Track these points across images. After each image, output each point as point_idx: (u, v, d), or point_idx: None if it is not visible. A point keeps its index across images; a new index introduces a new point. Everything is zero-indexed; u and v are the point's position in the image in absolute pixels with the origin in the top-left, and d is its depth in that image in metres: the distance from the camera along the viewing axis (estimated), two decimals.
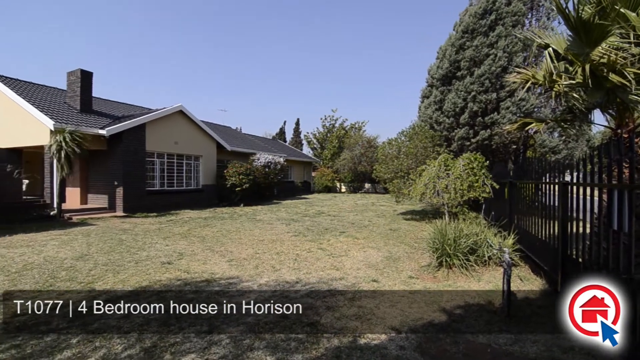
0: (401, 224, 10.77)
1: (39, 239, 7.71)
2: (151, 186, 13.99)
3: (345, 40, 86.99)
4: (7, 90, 12.48)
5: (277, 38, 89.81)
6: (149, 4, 78.52)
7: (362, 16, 79.69)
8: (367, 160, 27.88)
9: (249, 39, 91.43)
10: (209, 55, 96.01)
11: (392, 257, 6.55)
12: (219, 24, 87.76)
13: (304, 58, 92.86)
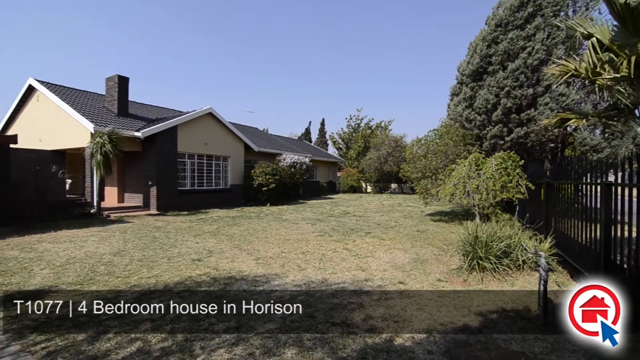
0: (429, 225, 10.51)
1: (81, 235, 8.22)
2: (182, 186, 14.53)
3: (369, 40, 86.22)
4: (53, 96, 13.41)
5: (302, 39, 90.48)
6: (176, 6, 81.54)
7: (387, 15, 78.60)
8: (393, 160, 27.48)
9: (276, 40, 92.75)
10: (237, 56, 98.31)
11: (420, 259, 6.41)
12: (246, 25, 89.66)
13: (329, 58, 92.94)
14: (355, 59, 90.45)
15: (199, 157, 15.41)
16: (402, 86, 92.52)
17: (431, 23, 78.35)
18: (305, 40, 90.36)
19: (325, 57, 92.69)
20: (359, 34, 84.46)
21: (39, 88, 14.24)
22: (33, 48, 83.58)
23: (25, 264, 5.69)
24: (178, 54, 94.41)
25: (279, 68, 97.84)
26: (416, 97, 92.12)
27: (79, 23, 79.16)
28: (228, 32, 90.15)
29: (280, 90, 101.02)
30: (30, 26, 78.52)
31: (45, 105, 14.22)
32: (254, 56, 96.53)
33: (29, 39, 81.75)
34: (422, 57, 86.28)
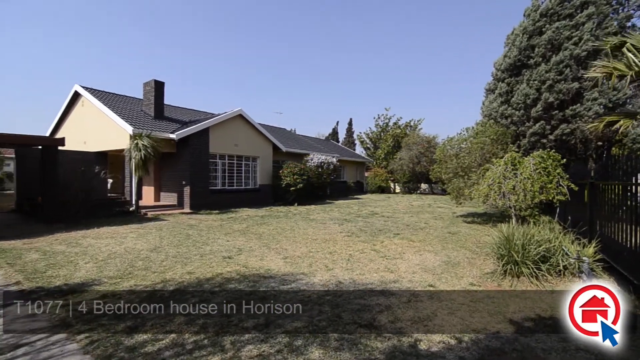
0: (461, 227, 10.16)
1: (121, 232, 8.71)
2: (214, 185, 15.00)
3: (398, 39, 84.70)
4: (96, 101, 14.30)
5: (330, 39, 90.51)
6: (206, 7, 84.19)
7: (417, 15, 76.82)
8: (426, 160, 26.82)
9: (304, 40, 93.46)
10: (266, 57, 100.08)
11: (451, 262, 6.20)
12: (274, 27, 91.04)
13: (356, 58, 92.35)
14: (383, 59, 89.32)
15: (229, 158, 15.84)
16: (432, 86, 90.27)
17: (464, 22, 75.77)
18: (333, 41, 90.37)
19: (352, 57, 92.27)
20: (389, 34, 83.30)
21: (83, 94, 15.26)
22: (79, 56, 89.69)
23: (72, 258, 6.10)
24: (210, 54, 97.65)
25: (307, 69, 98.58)
26: (447, 97, 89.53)
27: (116, 28, 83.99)
28: (258, 33, 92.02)
29: (308, 91, 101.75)
30: (74, 36, 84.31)
31: (89, 109, 15.21)
32: (282, 57, 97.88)
33: (74, 48, 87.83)
34: (453, 57, 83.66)
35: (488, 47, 76.41)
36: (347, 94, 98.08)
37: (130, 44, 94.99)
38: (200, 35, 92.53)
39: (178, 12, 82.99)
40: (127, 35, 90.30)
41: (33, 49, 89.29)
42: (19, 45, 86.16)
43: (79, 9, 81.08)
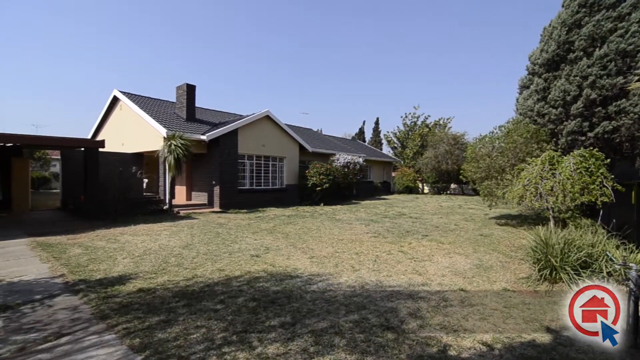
0: (494, 230, 9.75)
1: (155, 229, 9.11)
2: (242, 185, 15.34)
3: (426, 38, 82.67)
4: (132, 105, 15.05)
5: (358, 39, 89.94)
6: (232, 9, 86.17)
7: (446, 14, 74.58)
8: (452, 159, 25.99)
9: (331, 40, 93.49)
10: (293, 58, 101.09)
11: (483, 265, 5.97)
12: (301, 27, 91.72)
13: (383, 58, 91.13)
14: (411, 58, 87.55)
15: (257, 158, 16.15)
16: (462, 84, 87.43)
17: (492, 21, 72.68)
18: (360, 40, 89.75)
19: (379, 57, 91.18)
20: (416, 33, 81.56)
21: (121, 98, 16.12)
22: (118, 63, 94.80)
23: (111, 253, 6.46)
24: (239, 55, 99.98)
25: (333, 69, 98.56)
26: (478, 96, 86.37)
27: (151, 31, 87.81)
28: (286, 33, 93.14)
29: (335, 91, 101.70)
30: (114, 44, 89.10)
31: (126, 113, 16.04)
32: (308, 57, 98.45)
33: (114, 56, 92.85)
34: (483, 55, 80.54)
35: (522, 41, 72.89)
36: (374, 94, 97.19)
37: (162, 45, 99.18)
38: (230, 37, 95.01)
39: (210, 13, 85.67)
40: (159, 36, 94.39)
41: (72, 56, 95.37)
42: (63, 54, 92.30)
43: (121, 13, 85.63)
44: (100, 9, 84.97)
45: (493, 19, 74.74)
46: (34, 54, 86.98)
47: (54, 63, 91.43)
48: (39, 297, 4.20)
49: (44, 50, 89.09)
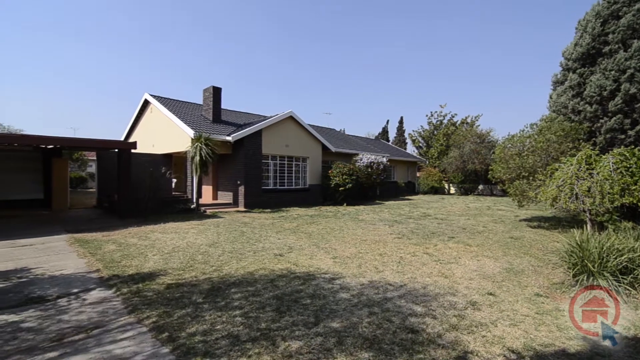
0: (525, 232, 9.35)
1: (183, 227, 9.41)
2: (266, 185, 15.57)
3: (450, 37, 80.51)
4: (162, 108, 15.64)
5: (382, 38, 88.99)
6: (257, 10, 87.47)
7: (471, 13, 72.30)
8: (479, 158, 25.10)
9: (354, 40, 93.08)
10: (315, 58, 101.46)
11: (514, 269, 5.73)
12: (323, 27, 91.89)
13: (409, 57, 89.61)
14: (436, 57, 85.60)
15: (280, 159, 16.33)
16: (490, 81, 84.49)
17: (519, 21, 69.66)
18: (385, 39, 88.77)
19: (404, 56, 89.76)
20: (441, 32, 79.66)
21: (151, 101, 16.78)
22: (147, 67, 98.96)
23: (142, 250, 6.74)
24: (263, 55, 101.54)
25: (356, 68, 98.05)
26: (507, 94, 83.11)
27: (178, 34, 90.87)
28: (310, 32, 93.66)
29: (358, 90, 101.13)
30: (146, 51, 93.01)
31: (156, 115, 16.69)
32: (331, 57, 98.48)
33: (144, 61, 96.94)
34: (512, 53, 77.40)
35: (554, 36, 69.44)
36: (398, 93, 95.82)
37: (186, 42, 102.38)
38: (253, 36, 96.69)
39: (232, 12, 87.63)
40: (187, 37, 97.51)
41: (102, 61, 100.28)
42: (92, 57, 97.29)
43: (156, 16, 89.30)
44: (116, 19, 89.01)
45: (520, 19, 71.70)
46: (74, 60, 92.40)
47: (91, 67, 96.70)
48: (76, 290, 4.44)
49: (85, 56, 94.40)
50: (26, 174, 13.98)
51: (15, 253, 6.40)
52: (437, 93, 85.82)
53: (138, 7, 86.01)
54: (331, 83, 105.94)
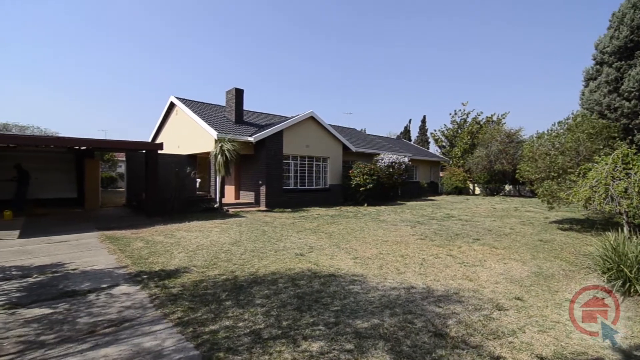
0: (555, 235, 8.94)
1: (207, 226, 9.64)
2: (287, 185, 15.70)
3: (473, 36, 78.16)
4: (187, 110, 16.08)
5: (403, 37, 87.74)
6: (278, 11, 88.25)
7: (493, 11, 69.91)
8: (507, 158, 24.20)
9: (375, 39, 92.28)
10: (337, 58, 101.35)
11: (543, 273, 5.49)
12: (346, 27, 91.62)
13: (431, 55, 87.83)
14: (460, 56, 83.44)
15: (301, 159, 16.42)
16: (517, 77, 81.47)
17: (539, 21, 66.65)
18: (406, 37, 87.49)
19: (426, 55, 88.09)
20: (463, 30, 77.57)
21: (177, 103, 17.30)
22: (172, 70, 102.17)
23: (168, 247, 6.96)
24: (285, 55, 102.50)
25: (377, 67, 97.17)
26: (535, 89, 79.81)
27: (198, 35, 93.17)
28: (330, 33, 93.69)
29: (379, 90, 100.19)
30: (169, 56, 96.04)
31: (181, 117, 17.19)
32: (353, 56, 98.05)
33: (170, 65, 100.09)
34: (537, 53, 74.22)
35: (582, 29, 66.09)
36: (420, 92, 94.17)
37: (209, 49, 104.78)
38: (274, 36, 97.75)
39: (255, 12, 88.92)
40: (207, 40, 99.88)
41: (132, 63, 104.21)
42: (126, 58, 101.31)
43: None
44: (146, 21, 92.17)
45: (542, 19, 68.64)
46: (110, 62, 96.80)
47: (122, 69, 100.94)
48: (106, 285, 4.64)
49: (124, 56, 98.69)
50: (61, 174, 14.77)
51: (51, 249, 6.77)
52: (461, 92, 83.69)
53: (171, 13, 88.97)
54: (352, 83, 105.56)
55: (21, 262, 5.77)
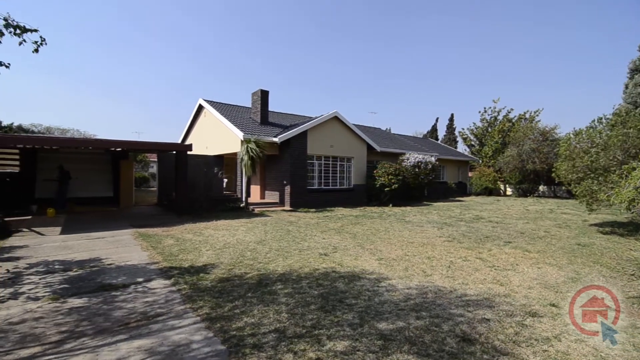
0: (595, 239, 8.42)
1: (233, 225, 9.86)
2: (311, 185, 15.78)
3: (501, 34, 75.02)
4: (214, 112, 16.54)
5: (429, 36, 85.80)
6: (301, 12, 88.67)
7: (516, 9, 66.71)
8: (540, 157, 23.02)
9: (400, 39, 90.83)
10: (361, 58, 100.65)
11: (581, 279, 5.17)
12: (370, 27, 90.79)
13: (462, 53, 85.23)
14: (491, 54, 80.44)
15: (325, 159, 16.45)
16: (550, 73, 77.37)
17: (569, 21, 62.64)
18: (436, 37, 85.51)
19: (456, 53, 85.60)
20: (489, 28, 74.72)
21: (205, 106, 17.83)
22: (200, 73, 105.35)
23: (196, 245, 7.18)
24: (308, 56, 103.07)
25: (403, 66, 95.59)
26: (570, 85, 75.46)
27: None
28: (354, 33, 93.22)
29: (404, 89, 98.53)
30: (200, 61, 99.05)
31: (209, 119, 17.70)
32: (378, 55, 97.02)
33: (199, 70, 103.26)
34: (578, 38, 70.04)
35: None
36: (448, 91, 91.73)
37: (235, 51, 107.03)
38: (297, 37, 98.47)
39: (277, 12, 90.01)
40: (235, 37, 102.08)
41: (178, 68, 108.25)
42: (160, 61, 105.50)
43: None
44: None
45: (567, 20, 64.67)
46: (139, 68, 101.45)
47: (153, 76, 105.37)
48: (139, 280, 4.86)
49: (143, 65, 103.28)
50: (99, 175, 15.64)
51: (89, 244, 7.17)
52: (491, 91, 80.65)
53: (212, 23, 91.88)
54: (378, 83, 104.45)
55: (63, 256, 6.16)
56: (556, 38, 74.55)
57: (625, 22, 63.35)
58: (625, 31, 62.91)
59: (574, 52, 74.27)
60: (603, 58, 69.23)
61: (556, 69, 78.92)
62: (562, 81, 79.27)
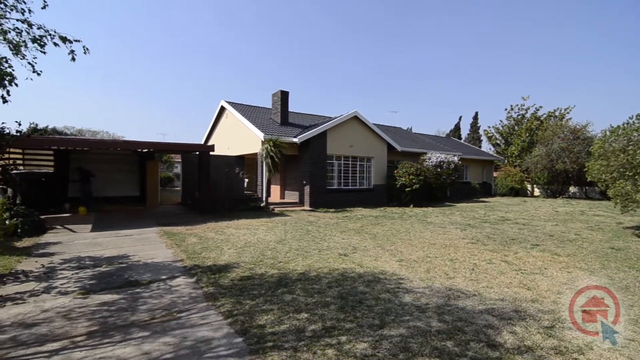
0: (631, 242, 7.95)
1: (254, 224, 10.00)
2: (330, 185, 15.77)
3: (524, 38, 72.11)
4: (236, 113, 16.84)
5: (449, 35, 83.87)
6: (321, 12, 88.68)
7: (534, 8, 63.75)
8: (571, 156, 21.97)
9: (420, 38, 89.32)
10: (381, 57, 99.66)
11: (615, 284, 4.89)
12: (391, 26, 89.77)
13: (484, 53, 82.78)
14: (516, 52, 77.70)
15: (344, 159, 16.39)
16: (583, 67, 73.70)
17: None
18: (457, 37, 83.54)
19: (477, 52, 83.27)
20: (511, 29, 72.05)
21: (227, 107, 18.19)
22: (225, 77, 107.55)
23: (219, 243, 7.33)
24: (329, 54, 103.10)
25: (424, 65, 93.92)
26: (607, 80, 71.54)
27: None
28: (375, 32, 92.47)
29: (426, 88, 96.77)
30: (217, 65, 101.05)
31: (231, 120, 18.04)
32: (396, 56, 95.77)
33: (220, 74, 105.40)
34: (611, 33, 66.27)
35: None
36: (471, 89, 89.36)
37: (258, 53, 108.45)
38: (317, 36, 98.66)
39: (296, 12, 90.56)
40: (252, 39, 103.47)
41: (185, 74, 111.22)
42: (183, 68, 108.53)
43: None
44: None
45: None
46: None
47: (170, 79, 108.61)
48: (164, 277, 5.01)
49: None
50: (127, 174, 16.26)
51: (117, 242, 7.47)
52: (518, 90, 77.81)
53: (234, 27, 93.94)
54: (399, 83, 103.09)
55: (93, 253, 6.45)
56: (586, 42, 70.90)
57: (625, 22, 59.53)
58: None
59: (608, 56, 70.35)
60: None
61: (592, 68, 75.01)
62: (595, 82, 75.27)
